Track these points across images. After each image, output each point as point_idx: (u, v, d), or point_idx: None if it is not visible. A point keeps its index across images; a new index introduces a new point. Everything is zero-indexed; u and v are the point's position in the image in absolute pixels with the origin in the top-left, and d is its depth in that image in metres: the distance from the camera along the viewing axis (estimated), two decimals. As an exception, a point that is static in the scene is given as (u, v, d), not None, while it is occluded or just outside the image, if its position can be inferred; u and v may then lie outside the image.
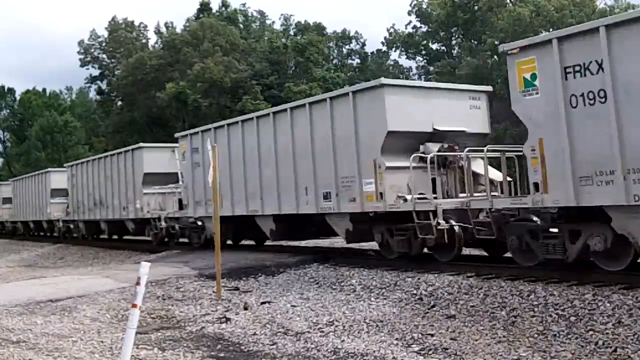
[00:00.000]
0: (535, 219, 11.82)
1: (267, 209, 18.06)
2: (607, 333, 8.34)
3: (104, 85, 69.95)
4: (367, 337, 9.32)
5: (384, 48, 71.28)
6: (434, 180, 14.08)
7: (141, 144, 26.80)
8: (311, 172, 16.32)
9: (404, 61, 69.75)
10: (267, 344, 9.36)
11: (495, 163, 14.17)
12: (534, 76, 11.30)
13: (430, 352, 8.36)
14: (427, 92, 15.39)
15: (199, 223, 21.54)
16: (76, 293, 13.78)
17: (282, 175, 17.30)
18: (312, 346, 9.03)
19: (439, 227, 13.09)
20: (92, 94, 77.43)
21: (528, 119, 11.42)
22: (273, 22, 74.92)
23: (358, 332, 9.64)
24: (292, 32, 70.41)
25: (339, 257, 16.24)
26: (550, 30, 50.54)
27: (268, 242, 20.80)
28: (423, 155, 14.19)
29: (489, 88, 16.60)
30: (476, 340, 8.72)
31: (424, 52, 65.62)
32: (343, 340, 9.21)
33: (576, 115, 10.59)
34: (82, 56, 69.87)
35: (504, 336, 8.85)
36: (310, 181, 16.32)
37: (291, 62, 58.70)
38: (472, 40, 58.51)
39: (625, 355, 7.58)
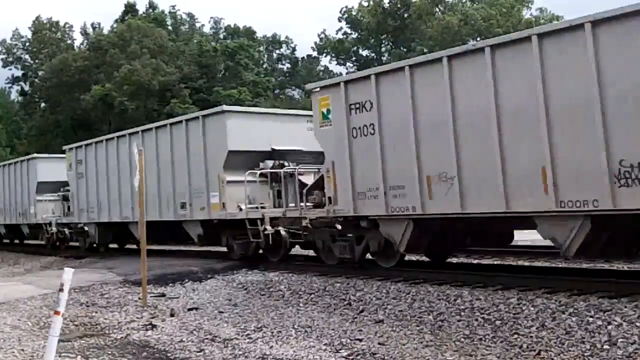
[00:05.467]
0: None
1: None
2: (532, 336, 8.49)
3: (26, 87, 68.11)
4: (296, 343, 9.27)
5: (315, 53, 71.67)
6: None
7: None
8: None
9: (335, 67, 70.25)
10: (194, 351, 9.22)
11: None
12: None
13: (359, 357, 8.36)
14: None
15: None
16: (-5, 300, 13.34)
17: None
18: (240, 353, 8.93)
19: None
20: (14, 95, 75.25)
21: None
22: (203, 25, 74.50)
23: (286, 338, 9.58)
24: (222, 36, 70.02)
25: (267, 263, 16.15)
26: (478, 39, 51.78)
27: (193, 248, 21.29)
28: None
29: None
30: (404, 345, 8.77)
31: (354, 59, 66.21)
32: (271, 347, 9.14)
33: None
34: (3, 56, 68.00)
35: (431, 340, 8.92)
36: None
37: (221, 65, 58.34)
38: (402, 48, 59.36)
39: (548, 357, 7.73)
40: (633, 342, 7.68)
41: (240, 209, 16.11)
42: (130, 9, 63.06)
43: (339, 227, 13.91)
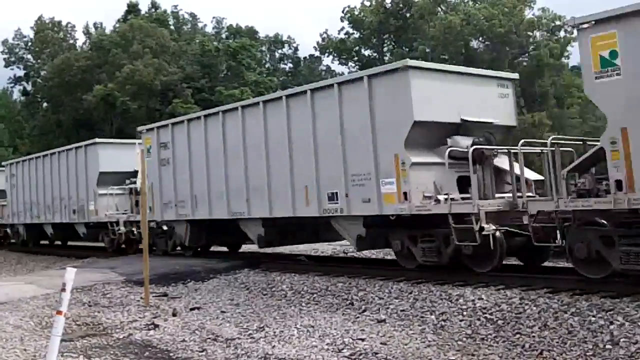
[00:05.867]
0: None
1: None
2: (534, 336, 8.50)
3: (29, 87, 68.12)
4: (298, 343, 9.27)
5: (317, 53, 71.57)
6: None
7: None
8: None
9: (337, 67, 70.21)
10: (197, 351, 9.22)
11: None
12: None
13: (361, 357, 8.36)
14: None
15: (165, 228, 19.88)
16: (-3, 300, 13.36)
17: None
18: (242, 352, 8.94)
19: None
20: (17, 95, 75.27)
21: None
22: (205, 25, 74.39)
23: (289, 338, 9.58)
24: (224, 36, 69.97)
25: (270, 263, 16.16)
26: (480, 38, 51.78)
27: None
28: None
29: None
30: (406, 345, 8.77)
31: (356, 58, 66.13)
32: (274, 346, 9.14)
33: None
34: (6, 56, 68.01)
35: (433, 340, 8.93)
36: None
37: (223, 65, 58.29)
38: (404, 47, 59.32)
39: (551, 357, 7.74)
40: (635, 341, 7.69)
41: (437, 201, 12.09)
42: (132, 9, 63.01)
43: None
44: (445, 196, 11.99)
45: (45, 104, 64.19)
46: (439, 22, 52.02)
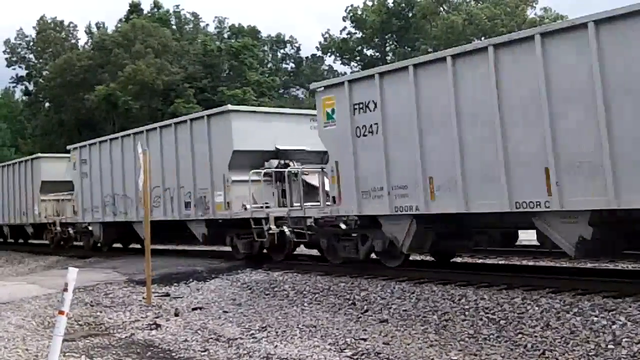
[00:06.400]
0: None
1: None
2: (536, 336, 8.49)
3: (31, 86, 68.21)
4: (300, 343, 9.27)
5: (319, 53, 71.65)
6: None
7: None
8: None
9: (339, 66, 70.28)
10: (199, 351, 9.23)
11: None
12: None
13: (363, 357, 8.36)
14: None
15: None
16: (0, 300, 13.35)
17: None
18: (245, 352, 8.94)
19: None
20: (18, 95, 75.38)
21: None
22: (207, 24, 74.48)
23: (291, 338, 9.58)
24: (226, 35, 70.01)
25: (271, 263, 16.15)
26: (482, 38, 51.78)
27: (198, 247, 21.58)
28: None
29: None
30: (408, 345, 8.76)
31: (358, 58, 66.21)
32: (276, 346, 9.14)
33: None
34: (8, 56, 68.09)
35: (435, 340, 8.92)
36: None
37: (225, 65, 58.33)
38: (406, 47, 59.37)
39: (553, 357, 7.73)
40: (638, 341, 7.67)
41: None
42: (134, 9, 63.09)
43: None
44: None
45: (47, 104, 64.33)
46: (441, 22, 52.11)
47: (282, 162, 16.99)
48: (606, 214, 9.71)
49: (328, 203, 14.25)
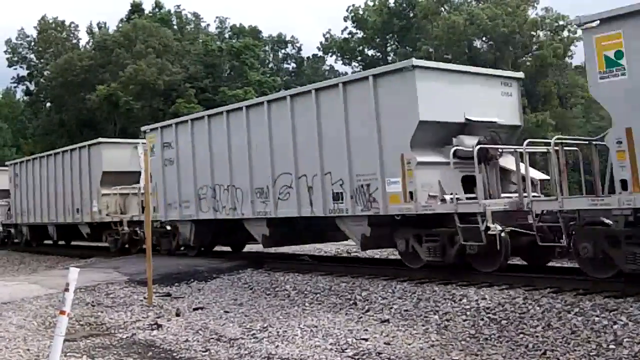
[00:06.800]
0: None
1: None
2: (537, 336, 8.48)
3: (32, 86, 68.21)
4: (302, 343, 9.26)
5: (320, 53, 71.61)
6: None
7: (100, 139, 24.32)
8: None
9: (340, 66, 70.27)
10: (200, 351, 9.22)
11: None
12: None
13: (365, 357, 8.35)
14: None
15: (169, 227, 19.69)
16: (1, 299, 13.34)
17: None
18: (246, 352, 8.93)
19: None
20: (20, 95, 75.38)
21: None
22: (208, 24, 74.47)
23: (292, 338, 9.57)
24: (227, 35, 70.05)
25: (273, 262, 16.15)
26: (484, 38, 51.83)
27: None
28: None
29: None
30: (409, 344, 8.76)
31: (359, 58, 66.17)
32: (277, 346, 9.13)
33: None
34: (9, 56, 68.10)
35: (437, 340, 8.91)
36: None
37: (226, 65, 58.33)
38: (408, 47, 59.33)
39: (554, 357, 7.72)
40: (639, 341, 7.67)
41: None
42: (136, 9, 63.10)
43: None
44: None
45: (48, 104, 64.33)
46: (442, 22, 52.06)
47: (485, 137, 12.94)
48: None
49: (535, 193, 11.79)
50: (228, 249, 20.37)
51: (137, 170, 21.38)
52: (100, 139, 24.28)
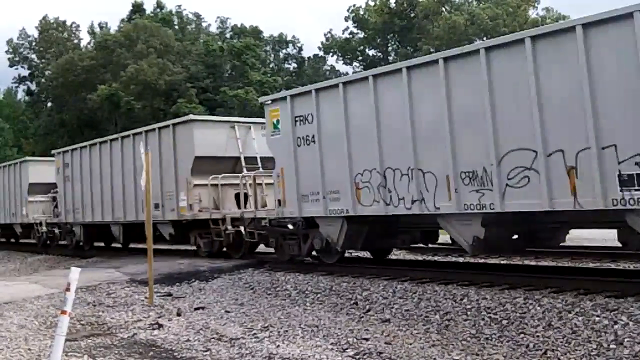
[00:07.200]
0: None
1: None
2: (538, 336, 8.49)
3: (33, 86, 68.30)
4: (302, 342, 9.27)
5: (321, 53, 71.58)
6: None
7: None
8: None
9: (341, 66, 70.24)
10: (201, 350, 9.22)
11: None
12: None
13: (365, 356, 8.35)
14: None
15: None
16: (2, 299, 13.36)
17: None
18: (247, 352, 8.93)
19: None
20: (21, 95, 75.46)
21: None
22: (209, 24, 74.53)
23: (293, 337, 9.58)
24: (228, 35, 70.06)
25: (274, 263, 16.16)
26: (484, 38, 51.84)
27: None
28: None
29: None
30: (410, 344, 8.76)
31: (360, 58, 66.15)
32: (278, 346, 9.13)
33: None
34: (10, 56, 68.17)
35: (437, 340, 8.92)
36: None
37: (227, 65, 58.37)
38: (409, 47, 59.33)
39: (555, 357, 7.72)
40: (639, 341, 7.68)
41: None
42: (137, 9, 63.16)
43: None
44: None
45: (49, 104, 64.44)
46: (443, 22, 52.09)
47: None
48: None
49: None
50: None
51: (235, 156, 19.10)
52: (192, 116, 20.71)
